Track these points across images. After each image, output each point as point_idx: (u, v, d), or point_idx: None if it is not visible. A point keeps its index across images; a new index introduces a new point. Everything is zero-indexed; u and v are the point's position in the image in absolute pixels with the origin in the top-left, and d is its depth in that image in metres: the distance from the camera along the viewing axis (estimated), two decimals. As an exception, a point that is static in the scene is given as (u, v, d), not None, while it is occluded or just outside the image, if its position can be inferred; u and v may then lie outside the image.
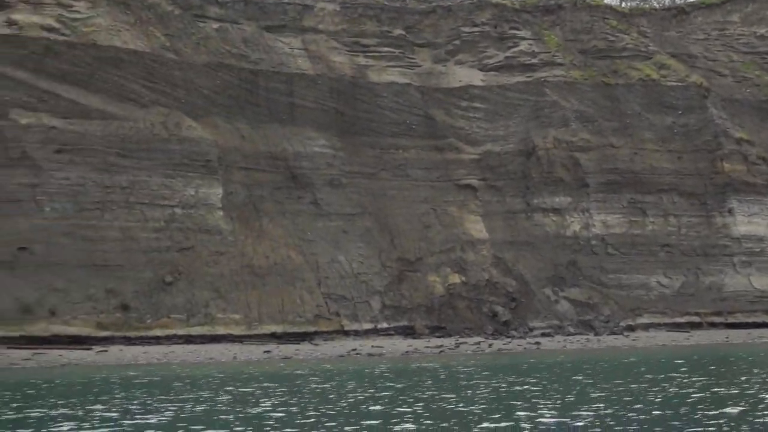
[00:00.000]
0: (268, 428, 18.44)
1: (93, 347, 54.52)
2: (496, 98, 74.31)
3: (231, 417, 21.27)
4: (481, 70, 74.67)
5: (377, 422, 18.97)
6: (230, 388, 31.66)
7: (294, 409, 22.80)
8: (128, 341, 56.01)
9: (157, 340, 56.74)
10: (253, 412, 22.55)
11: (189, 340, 57.37)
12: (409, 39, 74.52)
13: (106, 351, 53.80)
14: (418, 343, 61.19)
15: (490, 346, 60.81)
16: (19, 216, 57.73)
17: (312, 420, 19.91)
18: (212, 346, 56.36)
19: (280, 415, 21.30)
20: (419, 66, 73.27)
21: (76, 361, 50.19)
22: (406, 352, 57.09)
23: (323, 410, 22.51)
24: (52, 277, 56.97)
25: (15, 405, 26.25)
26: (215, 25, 67.31)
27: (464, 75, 73.96)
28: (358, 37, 72.14)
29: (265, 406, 23.79)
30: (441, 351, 57.96)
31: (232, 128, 65.86)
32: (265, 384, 33.61)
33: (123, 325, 57.01)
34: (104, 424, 20.03)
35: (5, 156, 58.35)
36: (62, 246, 57.84)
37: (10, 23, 60.93)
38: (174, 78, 64.18)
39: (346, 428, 18.18)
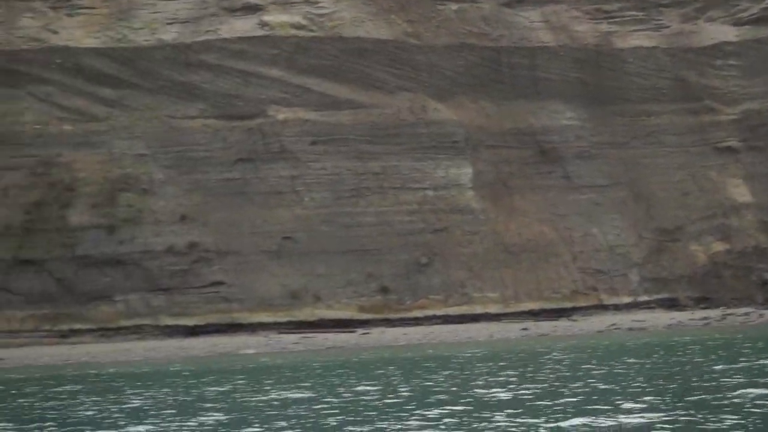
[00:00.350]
0: (483, 409, 18.43)
1: (356, 330, 56.65)
2: (753, 54, 69.57)
3: (451, 397, 21.45)
4: (734, 25, 70.15)
5: (602, 400, 18.43)
6: (463, 365, 31.87)
7: (523, 388, 22.62)
8: (389, 323, 57.74)
9: (416, 321, 58.10)
10: (476, 392, 22.62)
11: (447, 320, 58.34)
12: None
13: (368, 333, 55.71)
14: (682, 316, 58.98)
15: (760, 316, 57.58)
16: (282, 207, 60.95)
17: (535, 401, 19.66)
18: (470, 326, 57.03)
19: (505, 396, 21.19)
20: (666, 27, 69.92)
21: (340, 344, 52.36)
22: (669, 325, 55.20)
23: (547, 389, 22.24)
24: (315, 264, 59.75)
25: (266, 387, 27.79)
26: (454, 7, 67.56)
27: (716, 32, 69.86)
28: (600, 3, 69.89)
29: (489, 386, 23.82)
30: (706, 323, 55.61)
31: (477, 107, 65.98)
32: (505, 363, 33.57)
33: (383, 308, 58.85)
34: (331, 407, 20.75)
35: (266, 151, 61.70)
36: (322, 234, 60.49)
37: (263, 25, 64.19)
38: (417, 62, 65.15)
39: (569, 408, 17.80)
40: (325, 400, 22.53)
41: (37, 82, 62.16)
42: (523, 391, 22.03)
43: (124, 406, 24.00)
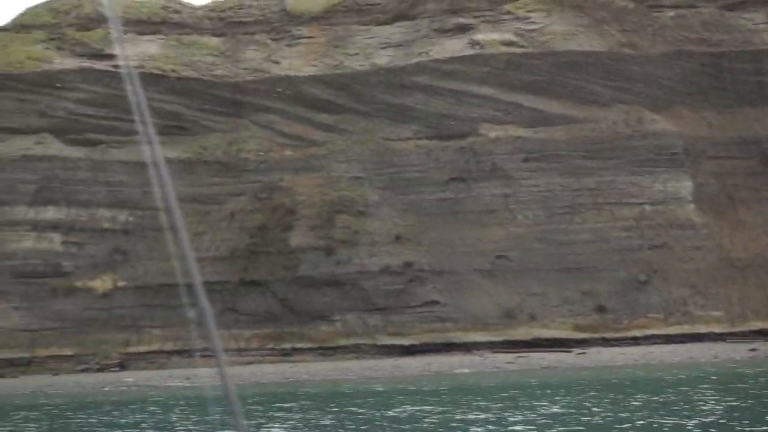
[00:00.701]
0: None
1: (572, 349, 55.36)
2: None
3: (635, 427, 20.49)
4: None
5: None
6: (670, 388, 30.39)
7: (719, 415, 21.32)
8: (606, 342, 56.05)
9: (635, 341, 56.06)
10: (666, 420, 21.52)
11: (668, 339, 55.91)
12: None
13: (584, 353, 54.32)
14: None
15: None
16: (496, 225, 60.73)
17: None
18: (692, 346, 54.36)
19: (691, 426, 20.03)
20: None
21: (555, 364, 51.31)
22: None
23: (746, 416, 20.82)
24: (529, 282, 59.04)
25: (459, 407, 27.66)
26: (671, 13, 65.21)
27: None
28: (833, -1, 65.44)
29: (685, 413, 22.58)
30: None
31: (698, 117, 63.20)
32: (717, 386, 31.79)
33: (600, 327, 57.27)
34: (507, 429, 20.36)
35: (478, 169, 61.77)
36: (536, 251, 59.74)
37: (473, 44, 64.45)
38: (632, 73, 63.28)
39: None
40: (506, 421, 22.21)
41: (260, 110, 65.31)
42: (717, 419, 20.81)
43: (314, 424, 24.65)
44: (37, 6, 70.04)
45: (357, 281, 59.04)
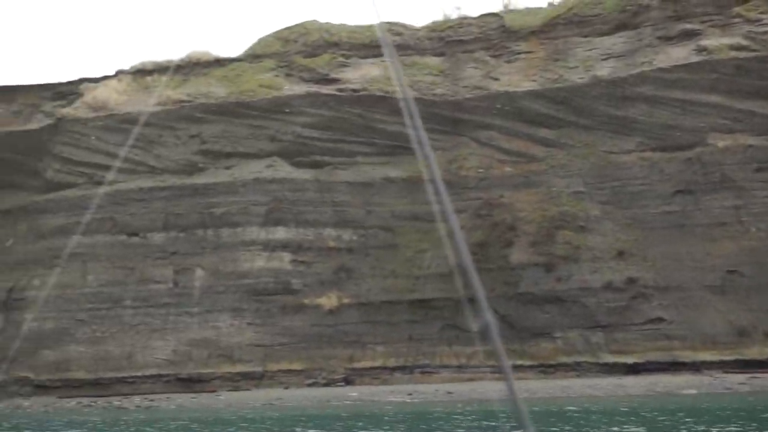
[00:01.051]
0: None
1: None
2: None
3: None
4: None
5: None
6: None
7: None
8: None
9: None
10: None
11: None
12: None
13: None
14: None
15: None
16: (726, 239, 57.84)
17: None
18: None
19: None
20: None
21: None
22: None
23: None
24: (764, 299, 55.76)
25: (685, 428, 26.54)
26: None
27: None
28: None
29: None
30: None
31: None
32: None
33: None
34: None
35: (706, 181, 59.12)
36: (772, 267, 56.38)
37: (700, 50, 61.81)
38: None
39: None
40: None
41: (479, 128, 65.52)
42: None
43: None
44: (267, 36, 73.68)
45: (578, 298, 57.90)
